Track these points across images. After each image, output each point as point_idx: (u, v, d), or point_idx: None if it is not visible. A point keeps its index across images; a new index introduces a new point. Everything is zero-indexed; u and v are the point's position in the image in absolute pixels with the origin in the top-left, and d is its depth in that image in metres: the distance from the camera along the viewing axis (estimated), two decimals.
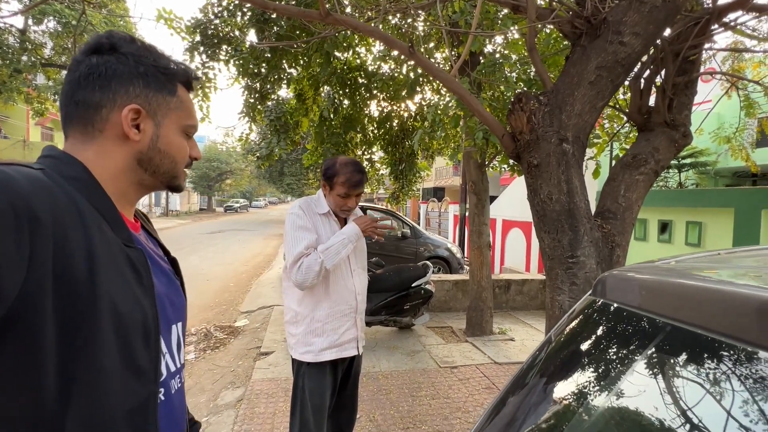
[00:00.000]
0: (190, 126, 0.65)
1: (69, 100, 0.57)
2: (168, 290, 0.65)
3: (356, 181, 1.57)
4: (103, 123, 0.57)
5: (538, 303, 5.42)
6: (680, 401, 0.45)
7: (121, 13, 12.04)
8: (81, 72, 0.56)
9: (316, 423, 1.55)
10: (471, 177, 4.25)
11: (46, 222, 0.44)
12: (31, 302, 0.43)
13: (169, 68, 0.62)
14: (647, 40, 1.69)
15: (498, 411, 0.68)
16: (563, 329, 0.66)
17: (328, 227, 1.61)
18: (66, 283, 0.45)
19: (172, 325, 0.65)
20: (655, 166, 1.99)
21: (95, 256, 0.49)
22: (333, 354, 1.58)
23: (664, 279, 0.52)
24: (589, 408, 0.53)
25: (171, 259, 0.71)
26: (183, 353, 0.69)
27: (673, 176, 7.94)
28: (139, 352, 0.53)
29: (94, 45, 0.58)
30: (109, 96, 0.56)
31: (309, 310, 1.57)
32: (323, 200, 1.64)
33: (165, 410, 0.60)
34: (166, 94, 0.61)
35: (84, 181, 0.53)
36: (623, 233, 1.93)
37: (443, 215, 14.74)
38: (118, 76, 0.57)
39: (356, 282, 1.65)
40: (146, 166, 0.61)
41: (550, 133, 1.75)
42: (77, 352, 0.47)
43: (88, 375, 0.47)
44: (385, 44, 3.25)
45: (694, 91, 2.14)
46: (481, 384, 3.08)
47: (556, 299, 1.83)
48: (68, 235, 0.46)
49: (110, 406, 0.50)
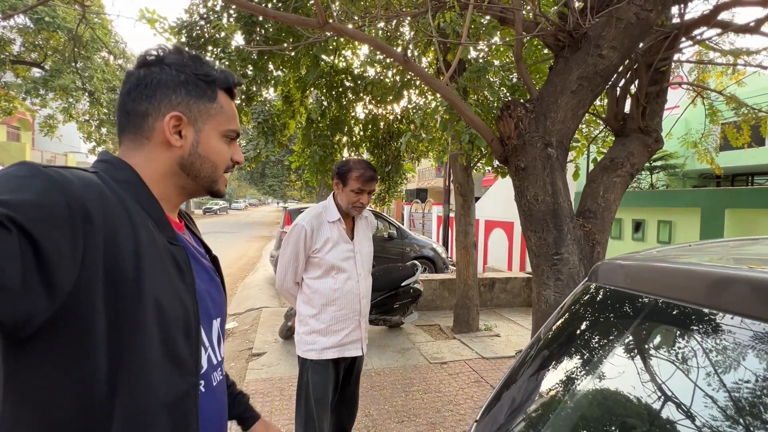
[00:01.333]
0: (231, 130, 0.67)
1: (121, 112, 0.62)
2: (209, 286, 0.68)
3: (369, 176, 1.64)
4: (150, 131, 0.61)
5: (521, 300, 5.61)
6: (661, 359, 0.56)
7: (96, 10, 11.66)
8: (130, 84, 0.61)
9: (318, 415, 1.62)
10: (457, 179, 4.38)
11: (98, 222, 0.47)
12: (83, 296, 0.46)
13: (209, 75, 0.64)
14: (623, 53, 1.84)
15: (508, 386, 0.78)
16: (565, 311, 0.77)
17: (337, 233, 1.67)
18: (114, 280, 0.49)
19: (212, 320, 0.68)
20: (630, 169, 2.15)
21: (141, 254, 0.52)
22: (335, 353, 1.65)
23: (648, 264, 0.64)
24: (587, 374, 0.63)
25: (213, 257, 0.75)
26: (223, 347, 0.73)
27: (646, 178, 8.34)
28: (180, 345, 0.56)
29: (144, 58, 0.62)
30: (154, 105, 0.60)
31: (315, 311, 1.64)
32: (333, 208, 1.70)
33: (207, 401, 0.63)
34: (206, 101, 0.63)
35: (133, 184, 0.57)
36: (603, 231, 2.08)
37: (427, 216, 14.93)
38: (162, 85, 0.60)
39: (362, 286, 1.71)
40: (188, 171, 0.63)
41: (536, 138, 1.87)
42: (124, 345, 0.49)
43: (133, 366, 0.50)
44: (381, 52, 3.33)
45: (664, 100, 2.33)
46: (470, 378, 3.20)
47: (542, 294, 1.96)
48: (118, 234, 0.49)
49: (153, 395, 0.52)
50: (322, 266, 1.64)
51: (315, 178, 5.44)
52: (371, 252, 1.83)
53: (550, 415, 0.66)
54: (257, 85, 4.97)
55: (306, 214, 1.68)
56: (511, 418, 0.72)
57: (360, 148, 6.16)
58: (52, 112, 11.81)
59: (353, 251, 1.71)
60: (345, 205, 1.68)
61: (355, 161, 1.70)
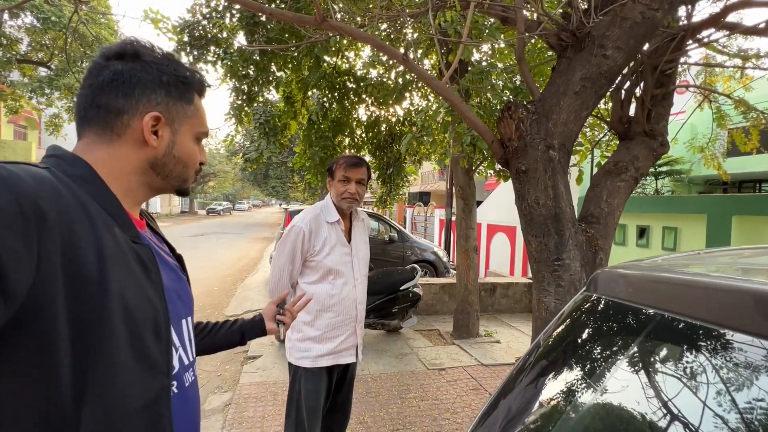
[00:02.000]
0: (203, 132, 0.68)
1: (89, 103, 0.58)
2: (176, 285, 0.66)
3: (353, 162, 1.61)
4: (123, 128, 0.58)
5: (523, 306, 5.53)
6: (666, 381, 0.50)
7: (103, 11, 11.76)
8: (105, 77, 0.57)
9: (310, 424, 1.57)
10: (458, 182, 4.33)
11: (53, 220, 0.44)
12: (42, 300, 0.43)
13: (187, 77, 0.64)
14: (628, 54, 1.79)
15: (504, 395, 0.72)
16: (562, 322, 0.71)
17: (334, 235, 1.63)
18: (76, 281, 0.46)
19: (182, 320, 0.66)
20: (635, 174, 2.09)
21: (104, 253, 0.49)
22: (330, 360, 1.60)
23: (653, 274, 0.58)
24: (584, 394, 0.58)
25: (177, 255, 0.72)
26: (194, 347, 0.70)
27: (651, 183, 8.25)
28: (150, 346, 0.54)
29: (118, 51, 0.59)
30: (132, 103, 0.58)
31: (310, 318, 1.59)
32: (332, 208, 1.65)
33: (179, 402, 0.61)
34: (184, 103, 0.63)
35: (89, 180, 0.54)
36: (606, 237, 2.02)
37: (429, 219, 14.87)
38: (142, 84, 0.59)
39: (359, 291, 1.67)
40: (159, 171, 0.62)
41: (538, 141, 1.82)
42: (90, 348, 0.47)
43: (101, 370, 0.48)
44: (380, 51, 3.30)
45: (670, 103, 2.27)
46: (469, 385, 3.13)
47: (543, 300, 1.90)
48: (76, 232, 0.47)
49: (124, 399, 0.50)
50: (319, 270, 1.59)
51: (316, 179, 5.41)
52: (368, 255, 1.79)
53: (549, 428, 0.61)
54: (259, 86, 4.95)
55: (304, 215, 1.63)
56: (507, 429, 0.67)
57: (362, 150, 6.13)
58: (58, 111, 11.90)
59: (351, 254, 1.66)
60: (336, 199, 1.63)
61: (342, 155, 1.70)
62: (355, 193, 1.62)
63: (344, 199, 1.61)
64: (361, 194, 1.65)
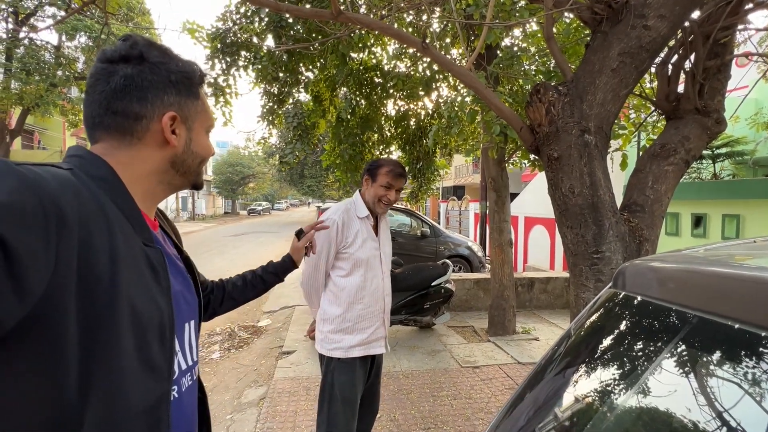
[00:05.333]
0: (211, 126, 0.69)
1: (104, 110, 0.58)
2: (183, 288, 0.67)
3: (399, 172, 1.69)
4: (144, 132, 0.59)
5: (564, 302, 5.26)
6: (712, 401, 0.41)
7: (147, 26, 12.53)
8: (117, 83, 0.57)
9: (346, 416, 1.57)
10: (490, 174, 4.17)
11: (72, 223, 0.45)
12: (55, 301, 0.43)
13: (190, 73, 0.64)
14: (674, 23, 1.61)
15: (515, 407, 0.65)
16: (583, 324, 0.63)
17: (365, 230, 1.68)
18: (89, 284, 0.46)
19: (185, 323, 0.66)
20: (685, 156, 1.89)
21: (117, 256, 0.50)
22: (362, 351, 1.63)
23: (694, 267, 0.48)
24: (610, 406, 0.50)
25: (185, 257, 0.72)
26: (196, 351, 0.69)
27: (707, 167, 7.54)
28: (154, 351, 0.55)
29: (124, 54, 0.58)
30: (147, 107, 0.59)
31: (342, 310, 1.63)
32: (362, 204, 1.71)
33: (177, 407, 0.61)
34: (193, 99, 0.64)
35: (109, 182, 0.55)
36: (652, 227, 1.84)
37: (463, 213, 14.56)
38: (154, 86, 0.59)
39: (386, 284, 1.73)
40: (178, 168, 0.64)
41: (571, 125, 1.69)
42: (97, 351, 0.47)
43: (106, 373, 0.48)
44: (398, 40, 3.23)
45: (727, 75, 2.02)
46: (505, 384, 3.01)
47: (581, 296, 1.77)
48: (92, 235, 0.47)
49: (127, 402, 0.51)
50: (350, 262, 1.64)
51: (345, 176, 5.43)
52: (391, 251, 1.86)
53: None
54: (288, 87, 5.04)
55: (335, 209, 1.69)
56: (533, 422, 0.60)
57: (390, 146, 6.09)
58: None
59: (379, 248, 1.72)
60: (372, 200, 1.69)
61: (386, 159, 1.76)
62: (393, 201, 1.70)
63: (381, 203, 1.69)
64: (395, 202, 1.73)
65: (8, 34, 11.04)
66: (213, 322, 4.89)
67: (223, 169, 33.42)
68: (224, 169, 33.37)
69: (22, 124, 12.29)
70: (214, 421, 2.62)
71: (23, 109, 11.62)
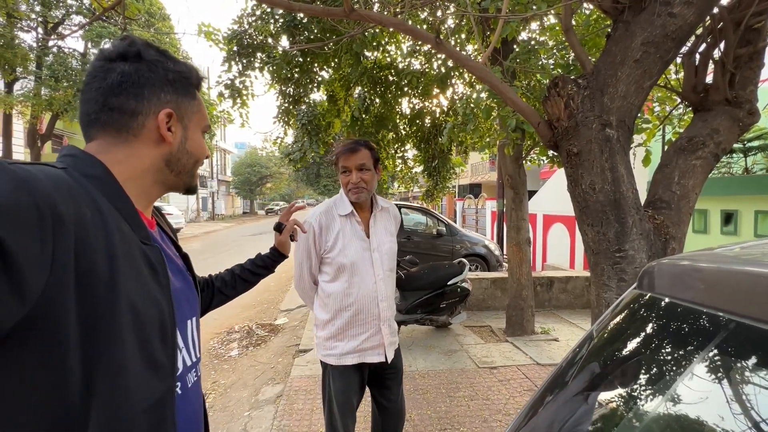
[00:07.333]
0: (207, 126, 0.69)
1: (101, 106, 0.58)
2: (183, 286, 0.67)
3: (348, 148, 1.50)
4: (140, 129, 0.59)
5: (584, 301, 5.12)
6: (750, 412, 0.37)
7: (167, 31, 12.85)
8: (113, 79, 0.58)
9: (342, 420, 1.55)
10: (507, 171, 4.09)
11: (69, 222, 0.45)
12: (54, 301, 0.43)
13: (189, 74, 0.65)
14: (702, 9, 1.53)
15: (535, 412, 0.63)
16: (606, 326, 0.59)
17: (349, 228, 1.55)
18: (87, 282, 0.46)
19: (187, 320, 0.66)
20: (714, 149, 1.79)
21: (115, 254, 0.49)
22: (355, 359, 1.54)
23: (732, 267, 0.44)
24: (637, 414, 0.46)
25: (183, 255, 0.72)
26: (198, 348, 0.69)
27: (738, 161, 7.19)
28: (156, 348, 0.55)
29: (121, 52, 0.59)
30: (144, 104, 0.59)
31: (330, 316, 1.55)
32: (345, 200, 1.56)
33: (182, 403, 0.61)
34: (189, 99, 0.65)
35: (104, 180, 0.55)
36: (678, 224, 1.76)
37: (480, 212, 14.37)
38: (151, 83, 0.60)
39: (380, 288, 1.55)
40: (173, 167, 0.64)
41: (591, 119, 1.63)
42: (99, 349, 0.47)
43: (109, 371, 0.48)
44: (411, 36, 3.20)
45: (760, 64, 1.91)
46: (523, 386, 2.95)
47: (603, 296, 1.71)
48: (89, 234, 0.47)
49: (130, 400, 0.51)
50: (333, 267, 1.53)
51: None
52: (393, 249, 1.64)
53: None
54: (303, 87, 5.08)
55: (314, 211, 1.58)
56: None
57: (405, 144, 6.05)
58: None
59: (369, 249, 1.55)
60: (345, 192, 1.55)
61: (340, 143, 1.61)
62: (358, 182, 1.50)
63: (350, 191, 1.52)
64: (367, 181, 1.51)
65: (38, 43, 11.52)
66: (231, 320, 4.97)
67: (242, 170, 34.04)
68: (242, 170, 33.99)
69: (51, 128, 12.81)
70: (233, 417, 2.66)
71: (53, 115, 12.10)
